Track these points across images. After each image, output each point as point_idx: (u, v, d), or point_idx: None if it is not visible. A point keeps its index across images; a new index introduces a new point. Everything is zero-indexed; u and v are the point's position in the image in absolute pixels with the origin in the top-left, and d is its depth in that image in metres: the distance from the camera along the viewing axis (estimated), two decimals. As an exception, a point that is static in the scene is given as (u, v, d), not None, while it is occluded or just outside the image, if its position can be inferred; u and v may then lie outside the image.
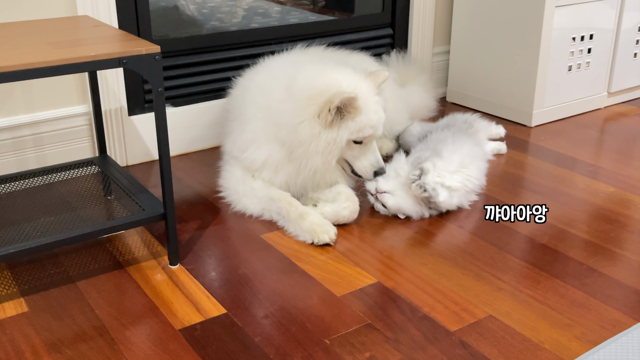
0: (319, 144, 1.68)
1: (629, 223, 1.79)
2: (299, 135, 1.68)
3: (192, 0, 2.50)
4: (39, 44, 1.43)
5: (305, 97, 1.67)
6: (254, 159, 1.78)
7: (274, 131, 1.75)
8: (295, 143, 1.70)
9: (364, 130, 1.71)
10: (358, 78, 1.74)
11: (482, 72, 2.65)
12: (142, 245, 1.68)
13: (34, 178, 1.76)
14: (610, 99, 2.78)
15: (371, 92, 1.75)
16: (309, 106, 1.66)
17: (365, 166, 1.78)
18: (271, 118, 1.75)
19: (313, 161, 1.71)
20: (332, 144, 1.69)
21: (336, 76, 1.72)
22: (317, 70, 1.75)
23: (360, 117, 1.69)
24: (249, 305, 1.44)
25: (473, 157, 1.93)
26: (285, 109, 1.71)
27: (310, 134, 1.67)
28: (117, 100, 2.10)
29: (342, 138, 1.69)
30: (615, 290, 1.49)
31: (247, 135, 1.79)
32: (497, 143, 2.26)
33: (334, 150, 1.71)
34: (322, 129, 1.67)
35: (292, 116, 1.69)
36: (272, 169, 1.78)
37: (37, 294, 1.47)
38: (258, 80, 1.88)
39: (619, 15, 2.63)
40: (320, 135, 1.67)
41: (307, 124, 1.67)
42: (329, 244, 1.67)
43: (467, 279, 1.53)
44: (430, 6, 2.71)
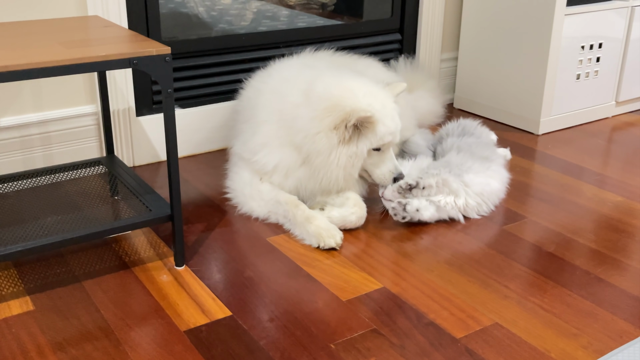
0: (340, 159, 1.69)
1: (636, 233, 1.78)
2: (316, 145, 1.69)
3: (202, 3, 2.50)
4: (50, 43, 1.43)
5: (322, 108, 1.68)
6: (265, 162, 1.78)
7: (288, 135, 1.74)
8: (313, 152, 1.70)
9: (384, 139, 1.72)
10: (376, 88, 1.75)
11: (490, 79, 2.65)
12: (148, 246, 1.68)
13: (41, 177, 1.77)
14: (618, 108, 2.77)
15: (389, 100, 1.76)
16: (326, 118, 1.67)
17: (384, 173, 1.78)
18: (286, 122, 1.75)
19: (335, 174, 1.72)
20: (354, 157, 1.71)
21: (354, 88, 1.72)
22: (335, 79, 1.75)
23: (378, 127, 1.70)
24: (254, 308, 1.44)
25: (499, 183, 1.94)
26: (301, 115, 1.71)
27: (329, 144, 1.68)
28: (125, 100, 2.10)
29: (362, 150, 1.71)
30: (622, 300, 1.48)
31: (259, 139, 1.79)
32: (502, 149, 2.26)
33: (357, 163, 1.72)
34: (340, 142, 1.68)
35: (309, 124, 1.69)
36: (282, 174, 1.78)
37: (43, 293, 1.47)
38: (272, 84, 1.87)
39: (629, 24, 2.63)
40: (339, 149, 1.68)
41: (324, 135, 1.67)
42: (334, 248, 1.67)
43: (473, 286, 1.53)
44: (439, 12, 2.71)
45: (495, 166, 1.93)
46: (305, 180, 1.77)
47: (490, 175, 1.89)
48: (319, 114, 1.68)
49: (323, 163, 1.71)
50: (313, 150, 1.70)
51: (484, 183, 1.86)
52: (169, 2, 2.43)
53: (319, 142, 1.68)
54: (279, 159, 1.77)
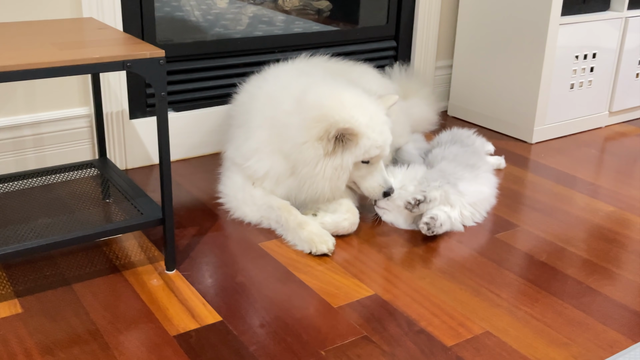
0: (326, 170, 1.68)
1: (628, 243, 1.79)
2: (303, 155, 1.68)
3: (197, 6, 2.50)
4: (43, 44, 1.43)
5: (311, 117, 1.67)
6: (257, 168, 1.78)
7: (279, 142, 1.74)
8: (300, 162, 1.70)
9: (370, 152, 1.70)
10: (367, 100, 1.74)
11: (484, 87, 2.65)
12: (139, 250, 1.67)
13: (32, 178, 1.76)
14: (612, 118, 2.78)
15: (379, 113, 1.74)
16: (313, 128, 1.66)
17: (373, 187, 1.77)
18: (277, 129, 1.74)
19: (321, 186, 1.70)
20: (339, 169, 1.69)
21: (344, 99, 1.70)
22: (328, 88, 1.74)
23: (362, 140, 1.68)
24: (244, 313, 1.43)
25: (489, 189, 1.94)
26: (291, 123, 1.71)
27: (315, 155, 1.67)
28: (118, 103, 2.09)
29: (348, 163, 1.69)
30: (613, 310, 1.48)
31: (251, 144, 1.79)
32: (496, 158, 2.26)
33: (342, 176, 1.71)
34: (325, 153, 1.67)
35: (297, 133, 1.68)
36: (273, 181, 1.78)
37: (32, 296, 1.46)
38: (266, 89, 1.86)
39: (622, 35, 2.64)
40: (325, 161, 1.67)
41: (311, 145, 1.67)
42: (326, 254, 1.67)
43: (464, 294, 1.53)
44: (434, 20, 2.72)
45: (483, 172, 1.93)
46: (295, 189, 1.77)
47: (481, 183, 1.90)
48: (307, 123, 1.67)
49: (309, 174, 1.69)
50: (300, 159, 1.69)
51: (477, 192, 1.86)
52: (164, 5, 2.43)
53: (305, 151, 1.67)
54: (269, 166, 1.76)
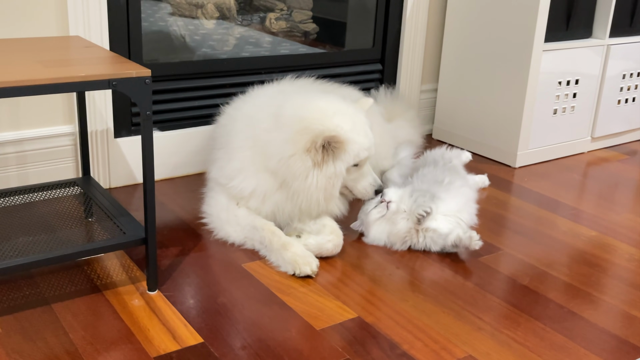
0: (319, 181, 1.69)
1: (610, 268, 1.80)
2: (292, 169, 1.68)
3: (185, 27, 2.51)
4: (29, 62, 1.42)
5: (294, 131, 1.68)
6: (242, 188, 1.78)
7: (263, 161, 1.74)
8: (289, 176, 1.70)
9: (359, 155, 1.73)
10: (345, 105, 1.76)
11: (469, 111, 2.68)
12: (120, 270, 1.66)
13: (14, 196, 1.74)
14: (594, 143, 2.82)
15: (359, 116, 1.77)
16: (298, 141, 1.67)
17: (365, 187, 1.81)
18: (259, 148, 1.75)
19: (315, 197, 1.71)
20: (334, 177, 1.71)
21: (322, 107, 1.72)
22: (303, 99, 1.76)
23: (349, 146, 1.70)
24: (226, 335, 1.42)
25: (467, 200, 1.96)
26: (273, 139, 1.71)
27: (304, 167, 1.68)
28: (103, 121, 2.09)
29: (341, 170, 1.71)
30: (594, 335, 1.48)
31: (235, 164, 1.79)
32: (480, 177, 2.28)
33: (337, 183, 1.73)
34: (314, 164, 1.68)
35: (282, 148, 1.69)
36: (259, 199, 1.78)
37: (10, 315, 1.44)
38: (245, 110, 1.88)
39: (604, 62, 2.68)
40: (316, 172, 1.68)
41: (299, 157, 1.67)
42: (310, 276, 1.66)
43: (447, 317, 1.53)
44: (420, 44, 2.75)
45: (455, 187, 1.94)
46: (282, 204, 1.77)
47: (452, 196, 1.90)
48: (291, 136, 1.68)
49: (301, 186, 1.70)
50: (289, 174, 1.70)
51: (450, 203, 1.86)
52: (152, 25, 2.43)
53: (293, 165, 1.68)
54: (255, 184, 1.76)
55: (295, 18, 2.73)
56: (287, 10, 2.72)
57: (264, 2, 2.68)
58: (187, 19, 2.52)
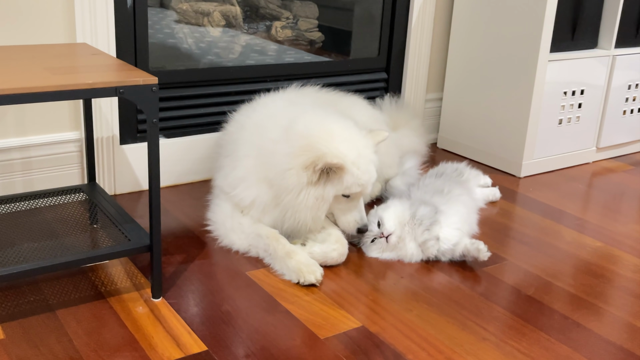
0: (308, 199, 1.68)
1: (615, 278, 1.79)
2: (286, 182, 1.68)
3: (190, 34, 2.52)
4: (36, 69, 1.43)
5: (298, 146, 1.68)
6: (243, 197, 1.78)
7: (264, 170, 1.74)
8: (282, 188, 1.70)
9: (351, 188, 1.71)
10: (357, 135, 1.74)
11: (474, 121, 2.68)
12: (125, 276, 1.66)
13: (20, 202, 1.75)
14: (599, 154, 2.81)
15: (367, 150, 1.74)
16: (300, 156, 1.66)
17: (349, 222, 1.78)
18: (263, 157, 1.75)
19: (303, 214, 1.71)
20: (320, 200, 1.69)
21: (333, 131, 1.71)
22: (318, 118, 1.74)
23: (346, 176, 1.69)
24: (230, 343, 1.41)
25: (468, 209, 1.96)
26: (278, 150, 1.71)
27: (298, 183, 1.67)
28: (109, 128, 2.09)
29: (329, 195, 1.70)
30: (599, 346, 1.48)
31: (238, 173, 1.79)
32: (491, 189, 2.27)
33: (322, 207, 1.71)
34: (308, 182, 1.67)
35: (283, 160, 1.69)
36: (259, 210, 1.78)
37: (15, 321, 1.44)
38: (255, 119, 1.87)
39: (610, 72, 2.68)
40: (308, 190, 1.67)
41: (295, 172, 1.67)
42: (314, 284, 1.66)
43: (452, 327, 1.52)
44: (425, 53, 2.75)
45: (455, 196, 1.94)
46: (280, 219, 1.77)
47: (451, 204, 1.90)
48: (294, 150, 1.68)
49: (291, 202, 1.69)
50: (283, 186, 1.69)
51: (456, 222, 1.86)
52: (158, 32, 2.44)
53: (288, 178, 1.67)
54: (255, 195, 1.76)
55: (301, 27, 2.74)
56: (293, 19, 2.73)
57: (270, 11, 2.69)
58: (193, 27, 2.53)
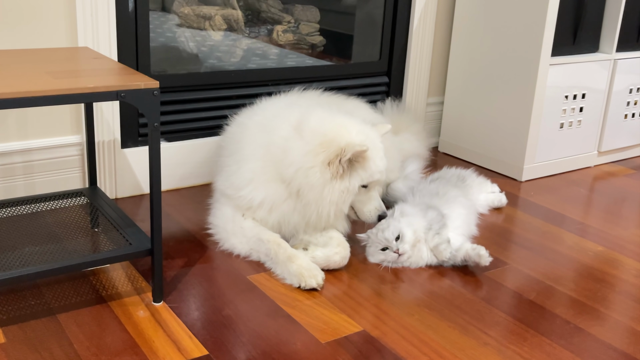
0: (333, 193, 1.71)
1: (617, 283, 1.79)
2: (310, 179, 1.70)
3: (192, 38, 2.52)
4: (38, 72, 1.43)
5: (318, 143, 1.70)
6: (251, 198, 1.78)
7: (276, 170, 1.74)
8: (305, 186, 1.71)
9: (373, 176, 1.76)
10: (365, 127, 1.80)
11: (475, 125, 2.68)
12: (126, 280, 1.66)
13: (21, 206, 1.74)
14: (600, 158, 2.81)
15: (377, 140, 1.80)
16: (321, 153, 1.69)
17: (370, 210, 1.82)
18: (274, 156, 1.75)
19: (326, 210, 1.73)
20: (346, 192, 1.72)
21: (346, 125, 1.75)
22: (328, 115, 1.78)
23: (369, 164, 1.74)
24: (231, 347, 1.41)
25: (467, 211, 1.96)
26: (293, 148, 1.72)
27: (322, 179, 1.69)
28: (111, 132, 2.09)
29: (354, 186, 1.73)
30: (601, 351, 1.47)
31: (245, 174, 1.79)
32: (496, 195, 2.26)
33: (347, 199, 1.74)
34: (333, 177, 1.70)
35: (303, 158, 1.70)
36: (267, 208, 1.78)
37: (16, 325, 1.44)
38: (258, 119, 1.88)
39: (611, 76, 2.68)
40: (332, 185, 1.70)
41: (318, 169, 1.69)
42: (316, 288, 1.66)
43: (453, 332, 1.52)
44: (427, 57, 2.75)
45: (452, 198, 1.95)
46: (289, 214, 1.77)
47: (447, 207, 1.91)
48: (313, 148, 1.70)
49: (315, 198, 1.71)
50: (305, 184, 1.70)
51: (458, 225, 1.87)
52: (159, 36, 2.45)
53: (312, 176, 1.69)
54: (264, 194, 1.76)
55: (303, 30, 2.74)
56: (294, 23, 2.73)
57: (272, 15, 2.69)
58: (194, 31, 2.53)
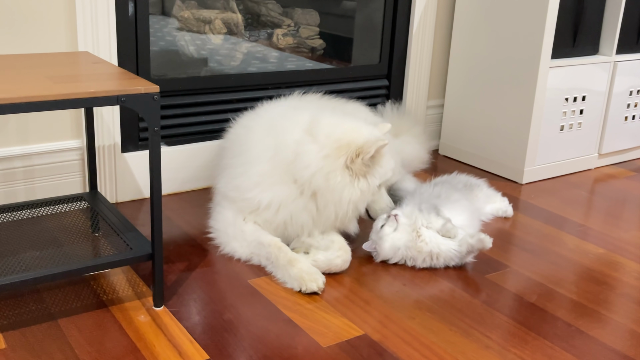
0: (354, 194, 1.73)
1: (618, 285, 1.79)
2: (330, 183, 1.71)
3: (192, 42, 2.52)
4: (38, 77, 1.43)
5: (335, 147, 1.71)
6: (260, 199, 1.77)
7: (286, 171, 1.74)
8: (325, 189, 1.72)
9: (387, 174, 1.79)
10: (372, 127, 1.83)
11: (475, 127, 2.68)
12: (127, 285, 1.66)
13: (21, 211, 1.75)
14: (601, 160, 2.81)
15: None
16: (340, 157, 1.70)
17: (382, 209, 1.87)
18: (284, 158, 1.75)
19: (344, 209, 1.74)
20: (367, 191, 1.75)
21: (356, 126, 1.77)
22: (338, 119, 1.80)
23: (385, 160, 1.77)
24: (232, 352, 1.41)
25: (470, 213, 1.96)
26: (308, 150, 1.72)
27: (343, 182, 1.71)
28: (111, 136, 2.10)
29: (374, 184, 1.76)
30: (603, 354, 1.47)
31: (253, 177, 1.78)
32: (502, 205, 2.23)
33: (367, 198, 1.78)
34: (353, 178, 1.72)
35: (321, 162, 1.71)
36: (274, 209, 1.78)
37: (16, 330, 1.44)
38: (264, 122, 1.88)
39: (611, 78, 2.68)
40: (352, 185, 1.72)
41: (339, 173, 1.71)
42: (316, 292, 1.66)
43: (454, 335, 1.52)
44: (427, 60, 2.75)
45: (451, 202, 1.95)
46: (297, 213, 1.77)
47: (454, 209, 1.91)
48: (332, 152, 1.71)
49: (335, 200, 1.73)
50: (326, 187, 1.71)
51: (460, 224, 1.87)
52: (159, 40, 2.45)
53: (333, 179, 1.70)
54: (272, 196, 1.76)
55: (302, 34, 2.74)
56: (294, 26, 2.73)
57: (271, 18, 2.70)
58: (194, 35, 2.54)
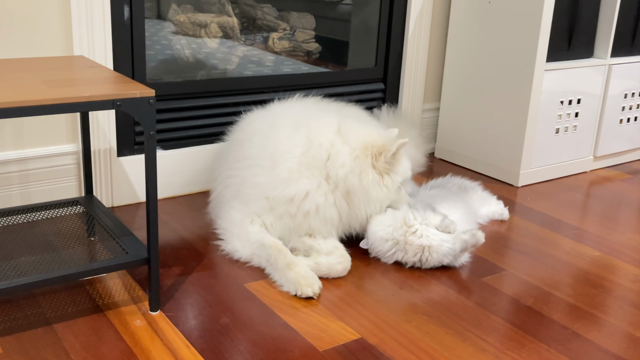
0: (380, 192, 1.81)
1: (614, 288, 1.79)
2: (363, 183, 1.80)
3: (188, 45, 2.52)
4: (34, 82, 1.43)
5: (362, 148, 1.81)
6: (286, 193, 1.79)
7: (318, 167, 1.80)
8: (359, 189, 1.80)
9: (407, 172, 1.88)
10: (382, 129, 1.92)
11: (471, 130, 2.68)
12: (122, 289, 1.65)
13: (17, 215, 1.74)
14: (596, 163, 2.82)
15: None
16: (366, 157, 1.80)
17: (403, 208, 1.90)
18: (319, 156, 1.80)
19: (372, 206, 1.83)
20: (392, 189, 1.84)
21: (377, 129, 1.88)
22: (355, 121, 1.90)
23: (404, 160, 1.86)
24: (229, 356, 1.41)
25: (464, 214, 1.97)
26: (341, 151, 1.80)
27: (373, 181, 1.80)
28: (107, 140, 2.09)
29: (397, 182, 1.85)
30: (599, 357, 1.47)
31: (281, 172, 1.80)
32: (497, 208, 2.23)
33: (392, 196, 1.85)
34: (379, 177, 1.80)
35: (353, 162, 1.79)
36: (299, 200, 1.79)
37: (11, 336, 1.43)
38: (287, 121, 1.90)
39: (606, 81, 2.69)
40: (380, 184, 1.81)
41: (370, 172, 1.80)
42: (311, 297, 1.66)
43: (451, 338, 1.52)
44: (422, 63, 2.76)
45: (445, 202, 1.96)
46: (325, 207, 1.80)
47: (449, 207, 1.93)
48: (359, 154, 1.80)
49: (366, 197, 1.81)
50: (360, 187, 1.79)
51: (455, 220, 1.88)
52: (155, 44, 2.45)
53: (365, 179, 1.80)
54: (298, 187, 1.79)
55: (298, 38, 2.74)
56: (290, 30, 2.73)
57: (267, 22, 2.70)
58: (190, 38, 2.54)
